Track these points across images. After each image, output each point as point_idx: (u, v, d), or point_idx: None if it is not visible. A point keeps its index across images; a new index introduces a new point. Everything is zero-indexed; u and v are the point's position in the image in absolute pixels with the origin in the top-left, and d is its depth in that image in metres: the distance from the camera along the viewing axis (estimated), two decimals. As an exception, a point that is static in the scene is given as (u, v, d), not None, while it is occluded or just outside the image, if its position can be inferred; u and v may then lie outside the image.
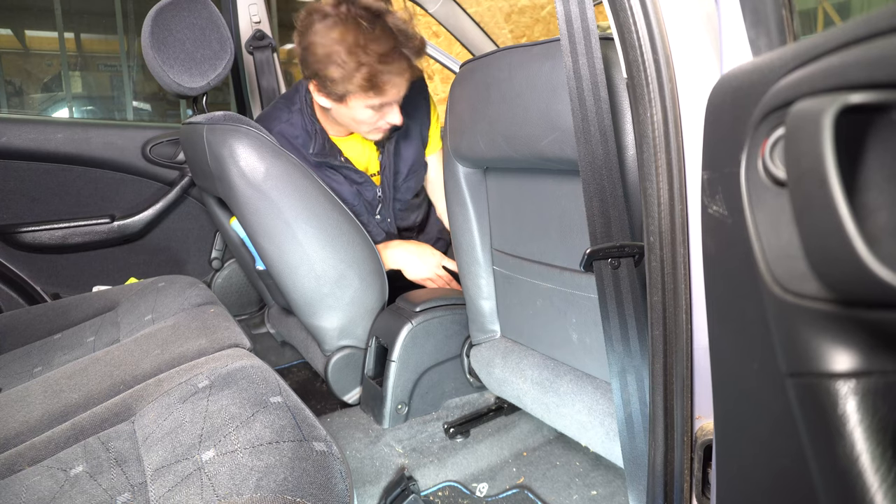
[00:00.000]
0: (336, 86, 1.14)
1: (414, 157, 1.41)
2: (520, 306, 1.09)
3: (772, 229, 0.36)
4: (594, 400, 0.93)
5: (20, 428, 0.75)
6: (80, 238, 1.59)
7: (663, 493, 0.68)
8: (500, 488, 1.11)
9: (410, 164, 1.41)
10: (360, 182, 1.34)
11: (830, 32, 0.32)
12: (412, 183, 1.43)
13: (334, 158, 1.30)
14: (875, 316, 0.30)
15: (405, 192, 1.43)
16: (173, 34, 1.23)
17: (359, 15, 1.09)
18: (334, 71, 1.11)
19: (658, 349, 0.64)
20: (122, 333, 1.07)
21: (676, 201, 0.59)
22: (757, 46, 0.51)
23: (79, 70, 4.60)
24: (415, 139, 1.40)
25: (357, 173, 1.34)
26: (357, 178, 1.34)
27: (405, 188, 1.42)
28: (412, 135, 1.40)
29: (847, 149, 0.30)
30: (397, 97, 1.19)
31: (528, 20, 4.02)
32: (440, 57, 1.95)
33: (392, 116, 1.22)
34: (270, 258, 1.18)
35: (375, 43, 1.09)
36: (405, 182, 1.42)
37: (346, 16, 1.09)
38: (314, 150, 1.27)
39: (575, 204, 0.90)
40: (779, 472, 0.40)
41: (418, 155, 1.42)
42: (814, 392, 0.34)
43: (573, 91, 0.69)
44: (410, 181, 1.43)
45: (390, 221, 1.43)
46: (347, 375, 1.30)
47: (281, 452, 0.62)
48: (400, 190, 1.42)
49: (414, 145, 1.40)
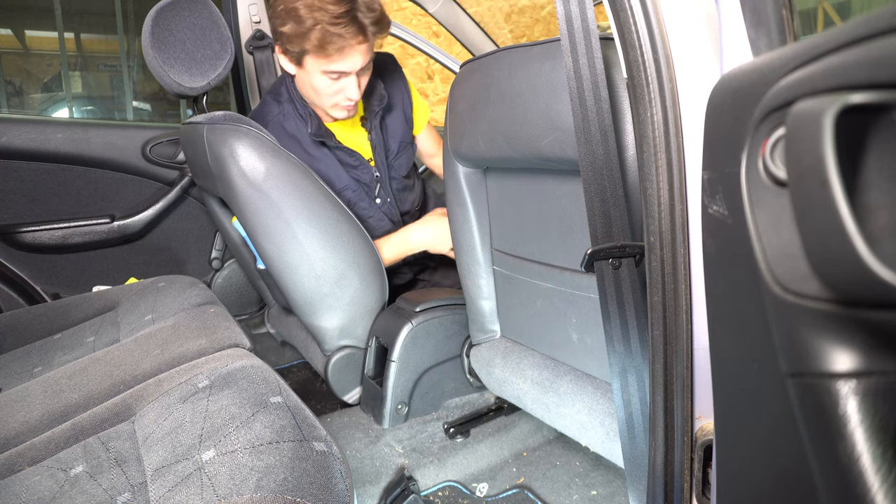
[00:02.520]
0: (292, 43, 1.18)
1: (401, 134, 1.45)
2: (520, 306, 1.09)
3: (772, 229, 0.36)
4: (594, 400, 0.93)
5: (20, 428, 0.75)
6: (80, 238, 1.59)
7: (663, 493, 0.68)
8: (500, 488, 1.11)
9: (399, 139, 1.45)
10: (355, 165, 1.37)
11: (831, 32, 0.32)
12: (403, 160, 1.46)
13: (330, 140, 1.33)
14: (876, 316, 0.30)
15: (398, 170, 1.46)
16: (174, 34, 1.23)
17: None
18: (291, 27, 1.16)
19: (658, 349, 0.64)
20: (122, 333, 1.07)
21: (677, 201, 0.59)
22: (757, 46, 0.51)
23: (79, 70, 4.60)
24: (398, 115, 1.45)
25: (352, 155, 1.36)
26: (352, 160, 1.36)
27: (397, 165, 1.45)
28: (395, 109, 1.44)
29: (848, 149, 0.30)
30: (352, 67, 1.21)
31: (528, 20, 4.01)
32: (440, 57, 1.95)
33: (350, 90, 1.24)
34: (270, 258, 1.18)
35: (333, 4, 1.13)
36: (396, 159, 1.45)
37: None
38: (312, 129, 1.30)
39: (575, 204, 0.90)
40: (779, 473, 0.40)
41: (405, 132, 1.46)
42: (814, 392, 0.34)
43: (573, 91, 0.69)
44: (402, 158, 1.46)
45: (391, 202, 1.44)
46: (347, 375, 1.30)
47: (281, 452, 0.62)
48: (393, 167, 1.45)
49: (399, 121, 1.45)
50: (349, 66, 1.20)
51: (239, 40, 1.73)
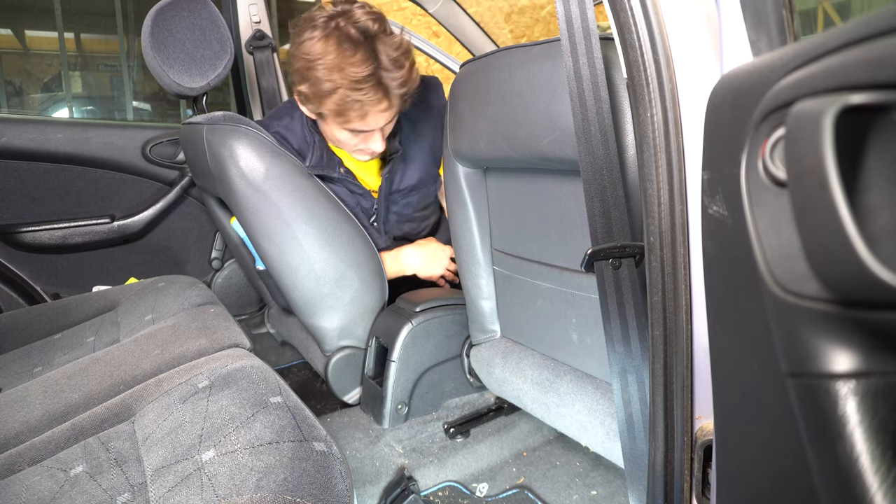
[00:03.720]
0: (310, 102, 1.10)
1: (419, 177, 1.34)
2: (520, 306, 1.09)
3: (772, 230, 0.36)
4: (594, 400, 0.93)
5: (20, 428, 0.75)
6: (80, 238, 1.59)
7: (663, 493, 0.68)
8: (500, 488, 1.11)
9: (414, 183, 1.34)
10: (359, 193, 1.31)
11: (831, 32, 0.32)
12: (414, 199, 1.37)
13: (333, 170, 1.24)
14: (875, 316, 0.30)
15: (404, 207, 1.37)
16: (173, 34, 1.23)
17: (347, 34, 1.02)
18: (307, 88, 1.07)
19: (658, 349, 0.64)
20: (122, 333, 1.07)
21: (676, 201, 0.59)
22: (757, 46, 0.51)
23: (79, 70, 4.60)
24: (421, 160, 1.33)
25: (356, 185, 1.29)
26: (356, 189, 1.30)
27: (404, 203, 1.36)
28: (416, 156, 1.32)
29: (847, 149, 0.30)
30: (374, 126, 1.12)
31: (528, 20, 4.02)
32: (440, 57, 1.95)
33: (373, 143, 1.16)
34: (270, 258, 1.18)
35: (353, 67, 1.02)
36: (404, 198, 1.36)
37: (334, 31, 1.03)
38: (311, 162, 1.21)
39: (575, 204, 0.90)
40: (779, 473, 0.40)
41: (425, 174, 1.35)
42: (814, 392, 0.34)
43: (573, 91, 0.69)
44: (412, 198, 1.37)
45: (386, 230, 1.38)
46: (347, 375, 1.30)
47: (281, 452, 0.62)
48: (398, 204, 1.36)
49: (420, 166, 1.34)
50: (371, 126, 1.11)
51: (239, 40, 1.73)
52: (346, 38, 1.02)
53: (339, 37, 1.02)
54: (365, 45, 1.03)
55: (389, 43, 1.06)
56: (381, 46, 1.05)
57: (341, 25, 1.03)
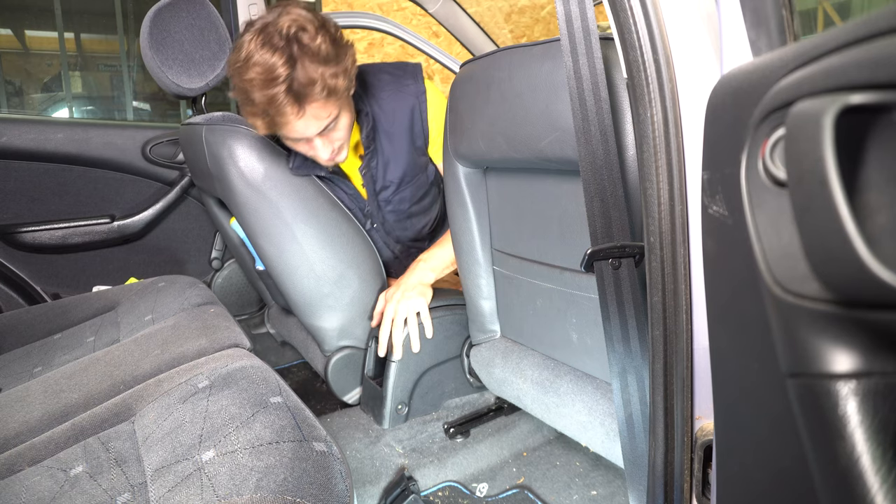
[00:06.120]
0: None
1: (403, 170, 1.28)
2: (520, 306, 1.09)
3: (772, 230, 0.36)
4: (594, 400, 0.93)
5: (20, 428, 0.75)
6: (80, 238, 1.59)
7: (663, 493, 0.68)
8: (500, 488, 1.11)
9: (400, 176, 1.28)
10: (351, 193, 1.28)
11: (831, 33, 0.32)
12: (407, 193, 1.31)
13: (319, 169, 1.19)
14: (875, 317, 0.30)
15: (399, 204, 1.32)
16: (172, 35, 1.23)
17: (268, 40, 0.96)
18: (234, 93, 1.01)
19: (658, 349, 0.64)
20: (122, 333, 1.07)
21: (676, 201, 0.59)
22: (757, 47, 0.51)
23: (79, 70, 4.60)
24: (400, 151, 1.27)
25: (348, 186, 1.26)
26: (349, 189, 1.27)
27: (398, 200, 1.31)
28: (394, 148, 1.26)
29: (847, 149, 0.30)
30: (304, 133, 1.04)
31: (528, 20, 4.02)
32: (440, 57, 1.95)
33: (319, 151, 1.09)
34: (270, 258, 1.18)
35: (258, 90, 0.95)
36: (396, 194, 1.30)
37: (257, 35, 0.96)
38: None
39: (575, 204, 0.90)
40: (779, 473, 0.40)
41: (408, 165, 1.28)
42: (814, 393, 0.34)
43: (573, 91, 0.69)
44: (405, 192, 1.30)
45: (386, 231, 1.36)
46: (347, 376, 1.30)
47: (281, 453, 0.61)
48: (392, 202, 1.31)
49: (401, 158, 1.27)
50: (300, 133, 1.04)
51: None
52: (271, 42, 0.96)
53: (265, 41, 0.96)
54: (289, 49, 0.97)
55: (315, 45, 0.98)
56: (299, 50, 0.97)
57: (268, 28, 0.97)
